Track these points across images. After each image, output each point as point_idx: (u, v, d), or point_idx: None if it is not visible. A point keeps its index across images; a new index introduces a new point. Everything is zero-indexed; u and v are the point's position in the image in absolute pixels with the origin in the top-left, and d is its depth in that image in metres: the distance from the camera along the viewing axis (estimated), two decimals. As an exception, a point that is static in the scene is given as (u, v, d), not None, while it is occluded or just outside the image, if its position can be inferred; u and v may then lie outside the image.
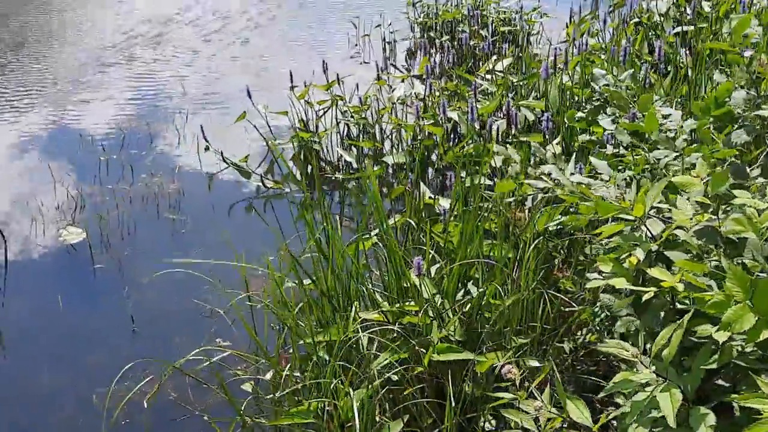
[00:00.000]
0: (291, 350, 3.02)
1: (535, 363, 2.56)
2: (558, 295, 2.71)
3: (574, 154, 3.49)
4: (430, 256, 2.81)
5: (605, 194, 2.32)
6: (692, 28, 4.98)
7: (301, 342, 2.72)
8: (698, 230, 1.87)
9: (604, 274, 1.98)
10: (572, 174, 2.60)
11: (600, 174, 2.57)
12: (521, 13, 6.11)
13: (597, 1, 7.45)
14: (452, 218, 3.18)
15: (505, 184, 2.67)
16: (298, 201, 4.36)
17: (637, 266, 1.93)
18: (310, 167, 4.69)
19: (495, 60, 4.76)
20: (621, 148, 2.96)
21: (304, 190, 4.40)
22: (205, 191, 4.54)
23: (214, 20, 8.09)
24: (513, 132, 3.88)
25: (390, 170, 4.45)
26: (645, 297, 1.77)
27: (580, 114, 3.03)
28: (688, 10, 5.46)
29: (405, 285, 2.76)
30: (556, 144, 3.52)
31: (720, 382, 1.80)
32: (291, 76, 4.81)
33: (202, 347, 2.79)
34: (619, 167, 2.74)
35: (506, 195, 2.87)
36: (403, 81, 4.79)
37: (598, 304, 2.66)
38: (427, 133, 4.13)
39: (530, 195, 2.53)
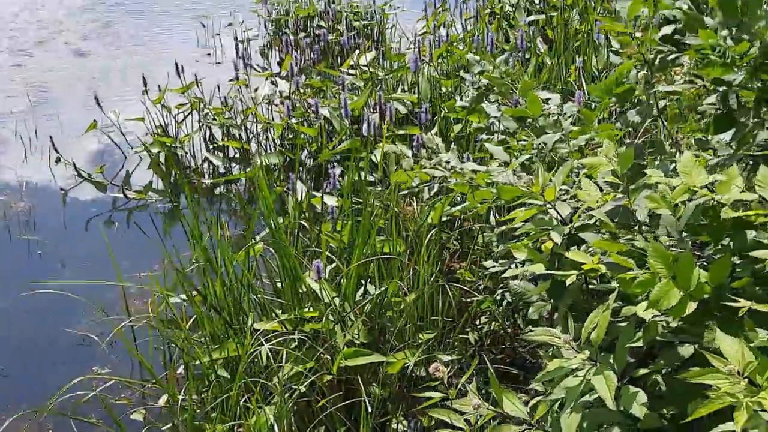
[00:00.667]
0: (181, 371, 2.82)
1: (446, 357, 2.51)
2: (457, 285, 2.68)
3: (453, 143, 3.49)
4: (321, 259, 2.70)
5: (505, 179, 2.29)
6: (543, 17, 5.13)
7: (196, 362, 2.52)
8: (610, 210, 1.86)
9: (519, 261, 1.94)
10: (463, 162, 2.56)
11: (494, 160, 2.54)
12: (375, 7, 6.08)
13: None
14: (339, 217, 3.09)
15: (402, 174, 2.59)
16: (162, 211, 4.11)
17: (552, 250, 1.91)
18: (172, 175, 4.44)
19: (358, 54, 4.69)
20: (502, 135, 2.97)
21: (170, 199, 4.17)
22: (59, 207, 4.18)
23: (40, 27, 7.51)
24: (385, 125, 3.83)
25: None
26: (569, 281, 1.73)
27: (461, 103, 3.00)
28: (537, 0, 5.64)
29: (300, 290, 2.64)
30: (435, 134, 3.50)
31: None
32: (144, 80, 4.52)
33: (78, 379, 2.53)
34: (507, 153, 2.73)
35: (395, 188, 2.80)
36: (267, 79, 4.62)
37: (499, 292, 2.66)
38: (299, 132, 3.99)
39: (426, 185, 2.47)
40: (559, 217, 1.96)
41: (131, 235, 3.87)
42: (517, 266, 2.09)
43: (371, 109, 4.20)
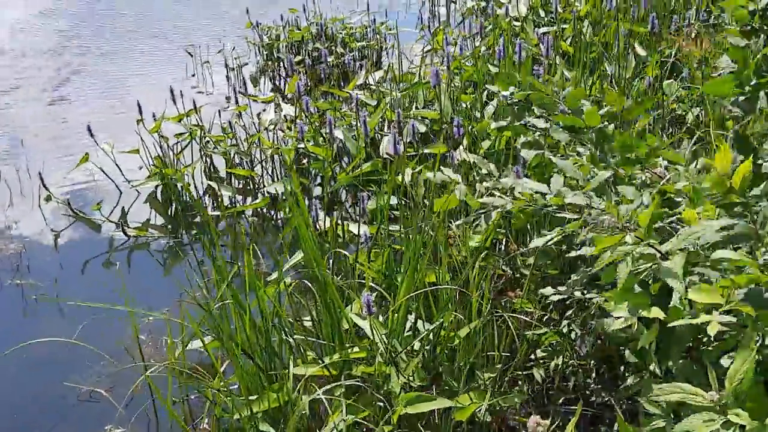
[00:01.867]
0: (205, 426, 2.50)
1: (516, 399, 2.22)
2: (514, 315, 2.39)
3: (486, 161, 3.22)
4: (368, 291, 2.40)
5: (580, 201, 2.03)
6: (554, 28, 4.92)
7: (231, 416, 2.21)
8: (725, 233, 1.58)
9: (622, 307, 1.65)
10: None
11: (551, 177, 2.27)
12: (370, 29, 5.85)
13: (438, 15, 7.36)
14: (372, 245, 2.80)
15: (451, 200, 2.31)
16: (165, 248, 3.79)
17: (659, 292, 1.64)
18: (172, 209, 4.13)
19: (365, 73, 4.43)
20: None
21: (171, 235, 3.86)
22: (52, 249, 3.84)
23: (22, 60, 7.19)
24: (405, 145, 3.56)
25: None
26: (710, 329, 1.42)
27: (497, 124, 2.73)
28: (542, 13, 5.44)
29: (341, 329, 2.33)
30: (464, 151, 3.24)
31: None
32: (140, 107, 4.22)
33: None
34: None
35: (441, 214, 2.51)
36: (271, 103, 4.34)
37: (565, 323, 2.38)
38: (312, 157, 3.71)
39: (482, 212, 2.19)
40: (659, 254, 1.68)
41: (134, 277, 3.55)
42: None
43: (389, 128, 3.95)
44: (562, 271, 2.58)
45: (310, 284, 2.42)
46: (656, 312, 1.58)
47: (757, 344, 1.38)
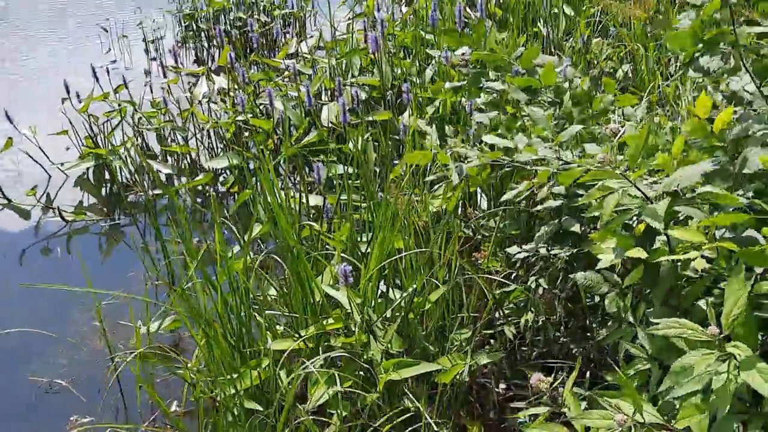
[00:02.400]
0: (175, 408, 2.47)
1: (485, 359, 2.27)
2: (485, 276, 2.43)
3: (433, 125, 3.24)
4: (339, 262, 2.40)
5: (552, 155, 2.07)
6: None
7: (204, 396, 2.18)
8: (705, 173, 1.65)
9: (609, 248, 1.71)
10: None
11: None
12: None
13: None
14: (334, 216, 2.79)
15: (419, 156, 2.31)
16: (104, 231, 3.68)
17: (644, 233, 1.70)
18: (106, 189, 4.00)
19: (296, 42, 4.37)
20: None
21: (114, 215, 3.74)
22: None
23: None
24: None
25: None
26: (695, 264, 1.48)
27: (452, 84, 2.74)
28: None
29: (314, 301, 2.33)
30: (410, 117, 3.25)
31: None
32: (67, 87, 4.04)
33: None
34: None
35: (408, 173, 2.52)
36: (202, 76, 4.22)
37: (532, 279, 2.43)
38: (252, 128, 3.64)
39: (455, 168, 2.20)
40: (643, 196, 1.74)
41: (77, 263, 3.42)
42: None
43: (328, 98, 3.91)
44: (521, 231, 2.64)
45: (277, 258, 2.40)
46: (639, 252, 1.64)
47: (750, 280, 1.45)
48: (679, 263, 1.66)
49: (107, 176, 4.01)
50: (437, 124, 3.30)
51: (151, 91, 4.20)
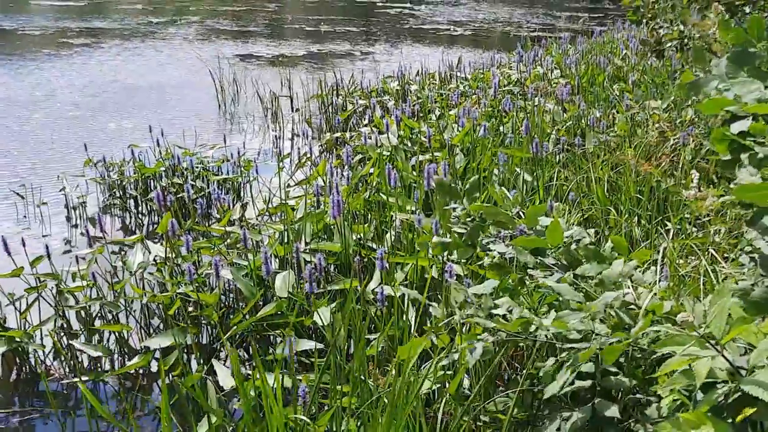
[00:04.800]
0: None
1: None
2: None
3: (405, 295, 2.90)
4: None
5: (588, 327, 1.74)
6: (428, 156, 4.81)
7: None
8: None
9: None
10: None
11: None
12: (234, 160, 5.49)
13: (298, 148, 7.14)
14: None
15: (416, 342, 1.94)
16: (20, 426, 3.08)
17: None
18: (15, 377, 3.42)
19: (242, 207, 4.04)
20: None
21: (25, 406, 3.15)
22: None
23: None
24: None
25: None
26: None
27: (440, 240, 2.43)
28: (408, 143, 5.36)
29: None
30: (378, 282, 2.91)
31: None
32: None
33: None
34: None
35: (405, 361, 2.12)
36: (138, 244, 3.79)
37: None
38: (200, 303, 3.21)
39: (477, 344, 1.83)
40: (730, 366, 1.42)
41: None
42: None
43: (280, 264, 3.55)
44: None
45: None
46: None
47: None
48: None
49: (21, 361, 3.44)
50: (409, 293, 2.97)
51: (77, 263, 3.71)
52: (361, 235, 3.65)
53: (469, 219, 2.40)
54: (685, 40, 5.00)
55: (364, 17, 20.89)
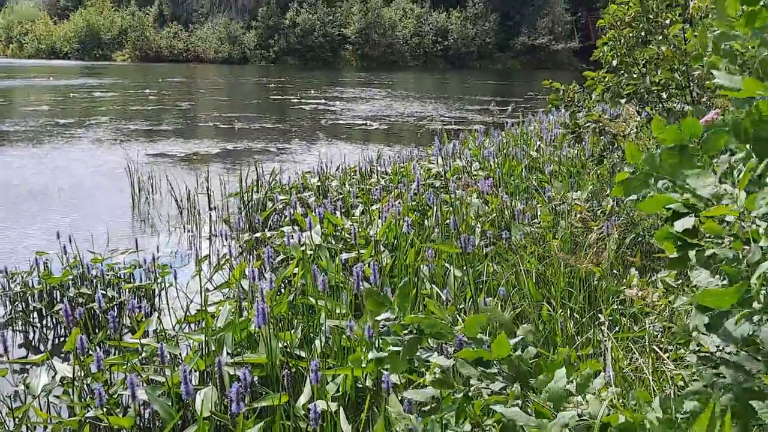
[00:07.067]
0: None
1: None
2: None
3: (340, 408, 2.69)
4: None
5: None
6: (354, 254, 4.67)
7: None
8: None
9: None
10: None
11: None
12: (148, 265, 5.21)
13: (217, 251, 6.89)
14: None
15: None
16: None
17: None
18: None
19: (157, 317, 3.78)
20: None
21: None
22: None
23: None
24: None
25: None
26: None
27: (377, 354, 2.26)
28: (332, 241, 5.23)
29: None
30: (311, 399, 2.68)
31: None
32: None
33: None
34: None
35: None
36: (43, 363, 3.46)
37: None
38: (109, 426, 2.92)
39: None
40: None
41: None
42: None
43: (201, 379, 3.30)
44: None
45: None
46: None
47: None
48: None
49: None
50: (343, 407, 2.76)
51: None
52: (288, 342, 3.44)
53: (404, 331, 2.24)
54: (601, 125, 5.10)
55: (280, 113, 21.04)
